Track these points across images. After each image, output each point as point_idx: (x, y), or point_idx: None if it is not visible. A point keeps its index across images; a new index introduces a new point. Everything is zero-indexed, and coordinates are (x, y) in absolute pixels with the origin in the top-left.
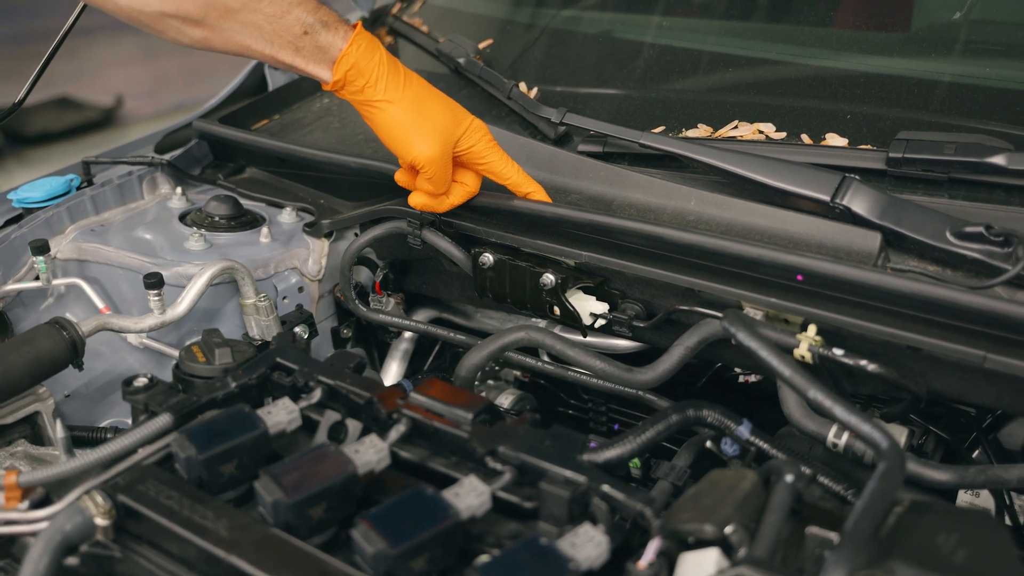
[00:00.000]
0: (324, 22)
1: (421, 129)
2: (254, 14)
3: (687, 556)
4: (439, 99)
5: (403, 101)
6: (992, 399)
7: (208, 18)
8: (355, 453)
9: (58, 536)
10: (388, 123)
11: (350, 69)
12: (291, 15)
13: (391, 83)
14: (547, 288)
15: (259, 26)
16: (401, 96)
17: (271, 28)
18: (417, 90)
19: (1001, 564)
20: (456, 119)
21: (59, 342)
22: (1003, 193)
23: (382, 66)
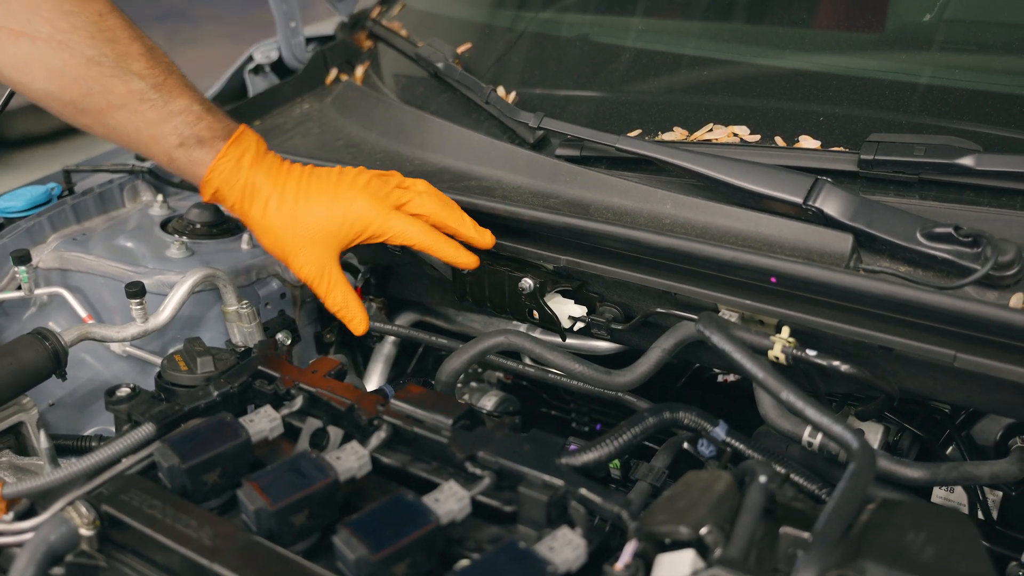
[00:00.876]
0: (199, 138)
1: (288, 246)
2: (134, 115)
3: (663, 557)
4: (316, 213)
5: (265, 226)
6: (963, 397)
7: (90, 108)
8: (337, 460)
9: (43, 547)
10: (262, 237)
11: (215, 193)
12: (169, 124)
13: (255, 205)
14: (526, 292)
15: (138, 127)
16: (263, 221)
17: (148, 132)
18: (285, 206)
19: (969, 560)
20: (332, 218)
21: (41, 352)
22: (972, 193)
23: (245, 191)
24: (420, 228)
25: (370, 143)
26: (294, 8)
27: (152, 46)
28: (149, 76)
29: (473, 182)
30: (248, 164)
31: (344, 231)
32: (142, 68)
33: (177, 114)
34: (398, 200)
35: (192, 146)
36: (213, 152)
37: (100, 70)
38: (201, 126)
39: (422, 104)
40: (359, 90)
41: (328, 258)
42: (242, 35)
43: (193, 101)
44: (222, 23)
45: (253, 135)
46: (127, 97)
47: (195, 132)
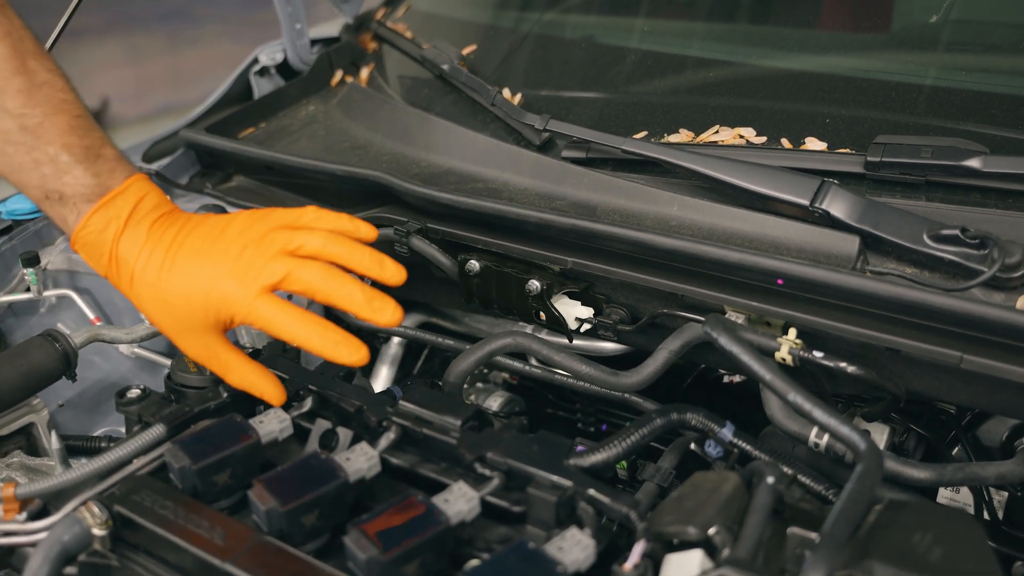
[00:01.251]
0: (61, 195)
1: (164, 328)
2: (4, 156)
3: (671, 557)
4: (175, 285)
5: (136, 300)
6: (968, 398)
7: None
8: (346, 461)
9: (57, 547)
10: (139, 309)
11: (85, 259)
12: (35, 172)
13: (122, 279)
14: (533, 294)
15: (6, 170)
16: (131, 293)
17: (15, 177)
18: (147, 284)
19: (976, 561)
20: (196, 303)
21: (52, 354)
22: (979, 195)
23: (111, 265)
24: (288, 319)
25: (376, 145)
26: (299, 10)
27: (44, 82)
28: (20, 116)
29: (480, 184)
30: (112, 234)
31: (211, 315)
32: (16, 106)
33: (43, 163)
34: (270, 277)
35: (55, 202)
36: (75, 214)
37: None
38: (65, 180)
39: (427, 106)
40: (364, 92)
41: (210, 340)
42: (244, 35)
43: (66, 150)
44: (224, 23)
45: (134, 197)
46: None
47: (57, 187)
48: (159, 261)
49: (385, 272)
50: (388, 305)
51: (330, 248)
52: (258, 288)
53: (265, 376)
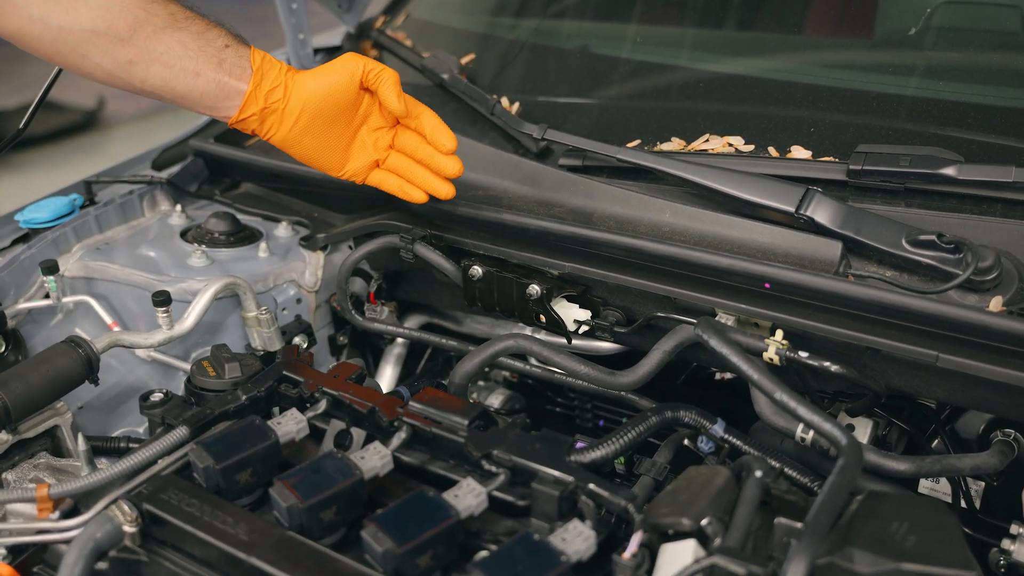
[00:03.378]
0: (239, 37)
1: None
2: (180, 31)
3: (667, 547)
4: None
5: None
6: (945, 395)
7: (136, 37)
8: (361, 460)
9: (90, 543)
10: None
11: (258, 86)
12: (213, 31)
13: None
14: (533, 298)
15: (185, 42)
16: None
17: (195, 44)
18: (313, 89)
19: (949, 547)
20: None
21: (75, 359)
22: (955, 201)
23: (282, 73)
24: (392, 183)
25: None
26: (303, 20)
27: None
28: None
29: (481, 191)
30: (280, 67)
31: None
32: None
33: (215, 25)
34: (382, 152)
35: (236, 45)
36: (258, 55)
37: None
38: (234, 35)
39: None
40: None
41: (365, 159)
42: (239, 31)
43: (226, 29)
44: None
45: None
46: (169, 18)
47: (234, 36)
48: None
49: (453, 166)
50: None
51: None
52: (371, 162)
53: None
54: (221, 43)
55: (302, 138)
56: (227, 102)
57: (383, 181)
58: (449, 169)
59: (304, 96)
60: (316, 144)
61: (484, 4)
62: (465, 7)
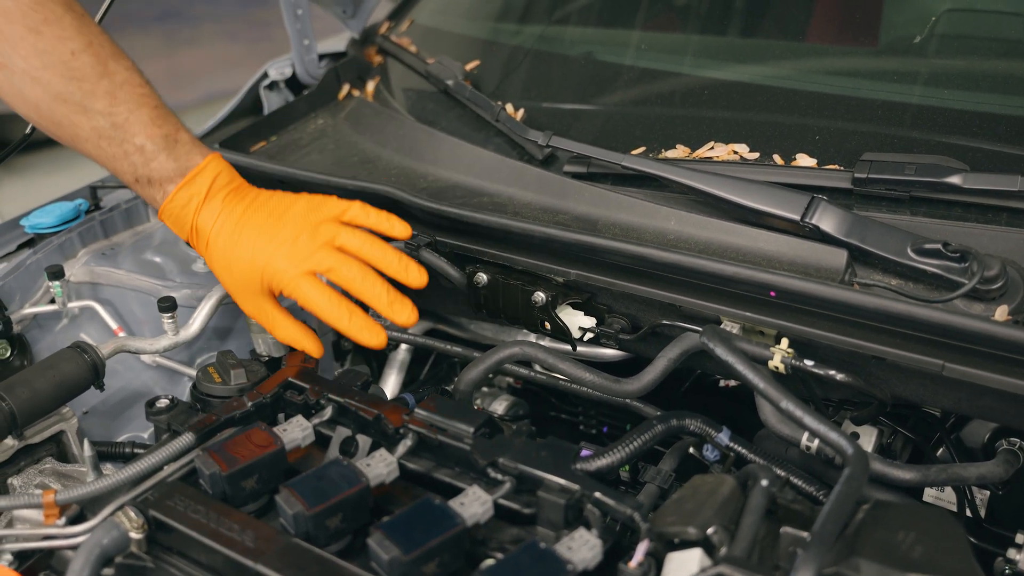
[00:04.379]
0: (150, 179)
1: (227, 288)
2: (97, 148)
3: (673, 556)
4: (238, 256)
5: (209, 263)
6: (951, 404)
7: (62, 136)
8: (367, 467)
9: (96, 550)
10: (212, 270)
11: (170, 226)
12: (126, 161)
13: (199, 246)
14: (538, 305)
15: (101, 159)
16: (205, 256)
17: (111, 166)
18: (217, 252)
19: (955, 558)
20: (253, 272)
21: (81, 365)
22: (960, 210)
23: (191, 233)
24: (325, 301)
25: (384, 159)
26: (308, 27)
27: (125, 81)
28: (109, 115)
29: (486, 198)
30: (193, 208)
31: (264, 284)
32: (104, 106)
33: (132, 153)
34: (316, 265)
35: (144, 184)
36: (162, 194)
37: (67, 107)
38: (152, 167)
39: (432, 120)
40: (372, 107)
41: (263, 301)
42: (240, 35)
43: (149, 140)
44: (220, 23)
45: (211, 174)
46: (90, 133)
47: (146, 173)
48: (228, 233)
49: (409, 276)
50: (406, 307)
51: (366, 250)
52: (304, 270)
53: (307, 333)
54: (130, 178)
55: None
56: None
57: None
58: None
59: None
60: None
61: (488, 10)
62: (469, 13)
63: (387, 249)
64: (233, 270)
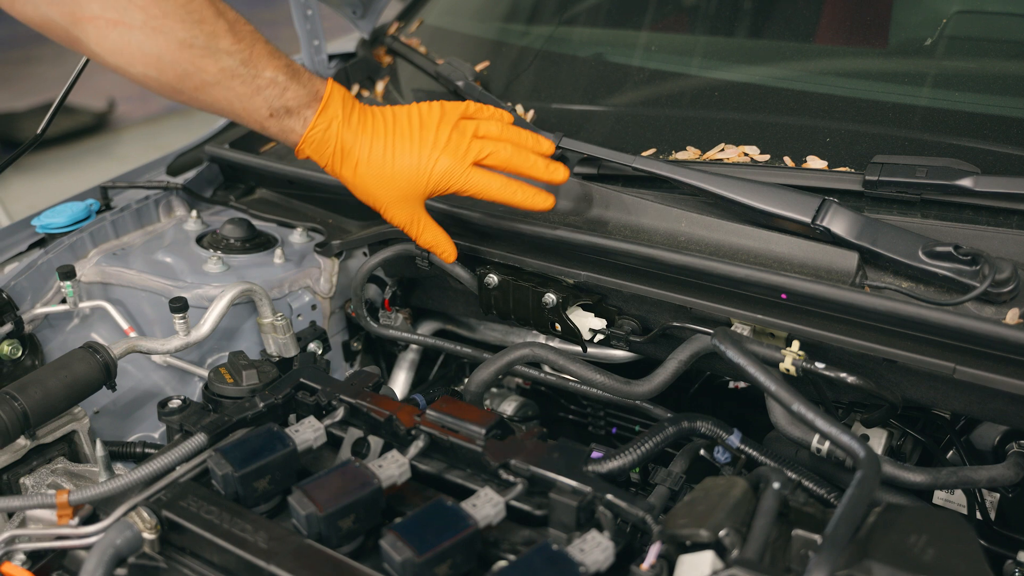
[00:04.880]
0: (288, 109)
1: (381, 201)
2: (227, 91)
3: (685, 558)
4: (403, 175)
5: (357, 184)
6: (961, 406)
7: (185, 88)
8: (379, 468)
9: (110, 550)
10: (354, 191)
11: (308, 156)
12: (259, 96)
13: (346, 167)
14: (549, 307)
15: (231, 101)
16: (354, 180)
17: (241, 106)
18: (374, 167)
19: (966, 560)
20: (419, 178)
21: (93, 365)
22: (971, 213)
23: (335, 155)
24: (497, 182)
25: None
26: (318, 28)
27: (236, 18)
28: (236, 52)
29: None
30: (336, 130)
31: (430, 187)
32: (229, 45)
33: (265, 87)
34: (477, 155)
35: (282, 116)
36: (302, 121)
37: (192, 52)
38: (288, 96)
39: None
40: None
41: (416, 208)
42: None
43: (279, 71)
44: None
45: (339, 96)
46: (219, 75)
47: (283, 103)
48: (382, 147)
49: (542, 146)
50: (560, 167)
51: (506, 133)
52: (468, 162)
53: (447, 239)
54: (266, 112)
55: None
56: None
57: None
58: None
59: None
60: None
61: (497, 11)
62: (479, 14)
63: (519, 129)
64: (395, 180)
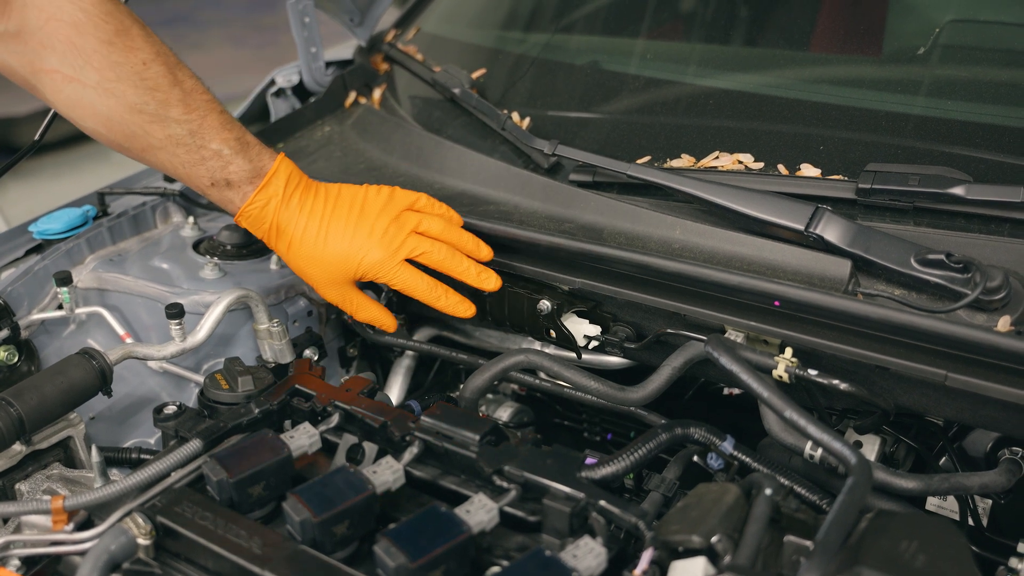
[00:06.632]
0: (228, 182)
1: (311, 280)
2: (172, 156)
3: (677, 564)
4: (332, 250)
5: (291, 261)
6: (953, 413)
7: (132, 148)
8: (373, 474)
9: (105, 556)
10: (289, 266)
11: (247, 228)
12: (203, 166)
13: (280, 243)
14: (544, 313)
15: (175, 167)
16: (287, 256)
17: (184, 172)
18: (306, 247)
19: (957, 567)
20: (347, 265)
21: (89, 371)
22: (963, 221)
23: (271, 231)
24: (424, 284)
25: (391, 167)
26: (315, 34)
27: (193, 87)
28: (185, 122)
29: (491, 207)
30: (273, 208)
31: (359, 274)
32: (180, 114)
33: (209, 159)
34: (410, 251)
35: (222, 188)
36: (241, 195)
37: (142, 117)
38: (231, 170)
39: (438, 128)
40: (378, 115)
41: (347, 288)
42: (247, 39)
43: (225, 144)
44: (227, 28)
45: (284, 174)
46: (165, 141)
47: (225, 176)
48: (316, 230)
49: (481, 252)
50: (491, 275)
51: (447, 233)
52: (400, 258)
53: (385, 312)
54: (207, 181)
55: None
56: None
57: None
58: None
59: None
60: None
61: (494, 19)
62: (476, 22)
63: (461, 232)
64: (324, 263)
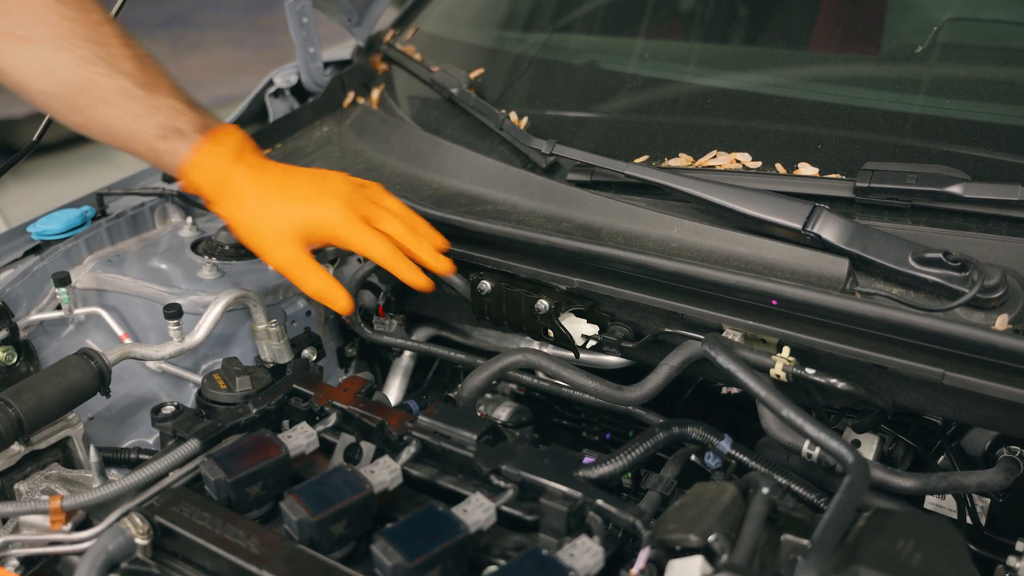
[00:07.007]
0: (180, 131)
1: (261, 238)
2: (120, 109)
3: (674, 563)
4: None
5: (241, 218)
6: (951, 412)
7: (80, 105)
8: (371, 474)
9: (103, 555)
10: (234, 231)
11: (188, 185)
12: (152, 117)
13: (230, 202)
14: (542, 313)
15: (123, 120)
16: (239, 213)
17: (132, 127)
18: (257, 203)
19: (954, 565)
20: (305, 218)
21: (88, 372)
22: (960, 219)
23: (223, 186)
24: (382, 245)
25: (389, 167)
26: (313, 35)
27: (144, 55)
28: (136, 75)
29: (489, 206)
30: (227, 160)
31: (313, 232)
32: (130, 68)
33: (160, 109)
34: (371, 217)
35: (172, 138)
36: (192, 145)
37: (91, 68)
38: (182, 120)
39: (437, 128)
40: (376, 115)
41: (298, 250)
42: (246, 41)
43: (177, 99)
44: (226, 29)
45: (237, 133)
46: (114, 92)
47: (176, 124)
48: (275, 186)
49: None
50: (446, 261)
51: (405, 214)
52: (359, 217)
53: (337, 287)
54: (157, 132)
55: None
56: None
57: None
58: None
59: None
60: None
61: (492, 19)
62: (474, 22)
63: (419, 217)
64: (277, 217)
